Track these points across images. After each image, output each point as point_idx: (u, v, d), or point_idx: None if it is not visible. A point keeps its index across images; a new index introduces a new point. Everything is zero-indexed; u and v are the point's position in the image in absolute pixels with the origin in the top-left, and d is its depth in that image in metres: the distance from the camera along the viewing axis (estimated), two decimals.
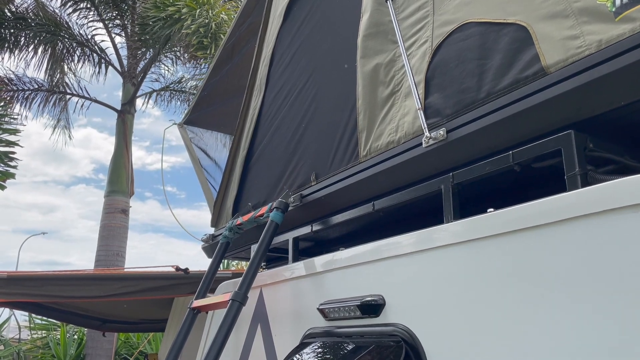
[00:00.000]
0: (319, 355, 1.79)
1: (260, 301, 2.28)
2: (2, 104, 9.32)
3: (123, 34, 11.57)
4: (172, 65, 12.35)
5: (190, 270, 4.18)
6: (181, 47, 11.12)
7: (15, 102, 11.40)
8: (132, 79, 11.48)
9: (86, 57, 11.64)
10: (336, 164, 2.12)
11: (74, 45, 11.41)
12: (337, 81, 2.27)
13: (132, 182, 10.75)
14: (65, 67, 11.72)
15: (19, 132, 8.38)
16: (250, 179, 2.89)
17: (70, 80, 11.91)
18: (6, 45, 10.82)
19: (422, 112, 1.68)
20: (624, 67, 1.18)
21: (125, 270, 7.05)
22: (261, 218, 2.34)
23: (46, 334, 10.38)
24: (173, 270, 4.22)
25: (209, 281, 2.46)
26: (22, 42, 10.94)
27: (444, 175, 1.59)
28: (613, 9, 1.24)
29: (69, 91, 11.94)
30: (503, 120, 1.43)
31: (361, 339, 1.65)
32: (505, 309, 1.22)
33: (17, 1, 10.65)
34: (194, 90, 11.54)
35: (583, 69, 1.26)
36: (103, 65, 11.78)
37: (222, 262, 2.63)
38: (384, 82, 1.94)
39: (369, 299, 1.61)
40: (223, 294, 2.20)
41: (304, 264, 2.06)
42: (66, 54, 11.50)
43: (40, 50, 11.14)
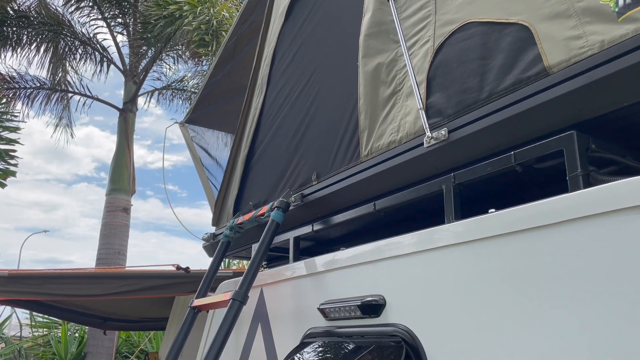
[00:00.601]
0: (319, 355, 1.79)
1: (261, 300, 2.28)
2: (3, 101, 9.33)
3: (125, 33, 11.58)
4: (174, 63, 12.37)
5: (191, 269, 4.18)
6: (183, 45, 11.13)
7: (17, 100, 11.41)
8: (133, 77, 11.48)
9: (88, 55, 11.64)
10: (337, 163, 2.12)
11: (76, 43, 11.41)
12: (339, 81, 2.26)
13: (134, 181, 10.76)
14: (68, 65, 11.73)
15: (20, 130, 8.39)
16: (251, 178, 2.89)
17: (72, 79, 11.93)
18: (8, 44, 10.83)
19: (423, 112, 1.68)
20: (627, 68, 1.17)
21: (126, 268, 7.06)
22: (262, 217, 2.34)
23: (47, 332, 10.40)
24: (174, 269, 4.22)
25: (210, 280, 2.46)
26: (24, 40, 10.95)
27: (446, 176, 1.58)
28: (616, 9, 1.23)
29: (71, 89, 11.95)
30: (505, 121, 1.42)
31: (361, 339, 1.65)
32: (506, 310, 1.22)
33: None
34: (195, 89, 11.54)
35: (586, 69, 1.25)
36: (105, 64, 11.79)
37: (223, 261, 2.63)
38: (385, 82, 1.94)
39: (370, 299, 1.61)
40: (224, 293, 2.20)
41: (305, 264, 2.06)
42: (68, 52, 11.50)
43: (42, 49, 11.14)
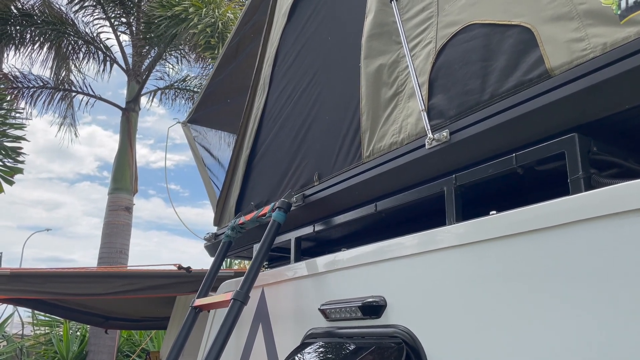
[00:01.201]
0: (320, 355, 1.79)
1: (262, 301, 2.28)
2: (8, 98, 9.35)
3: (128, 32, 11.60)
4: (177, 63, 12.38)
5: (192, 269, 4.19)
6: (188, 47, 11.14)
7: (20, 99, 11.44)
8: (136, 77, 11.50)
9: (91, 54, 11.67)
10: (339, 164, 2.12)
11: (80, 42, 11.43)
12: (341, 81, 2.27)
13: (136, 180, 10.78)
14: (71, 64, 11.75)
15: (25, 127, 8.40)
16: (253, 178, 2.89)
17: (75, 78, 11.96)
18: (11, 42, 10.85)
19: (425, 114, 1.67)
20: (629, 71, 1.17)
21: (128, 268, 7.07)
22: (264, 217, 2.34)
23: (49, 331, 10.42)
24: (175, 268, 4.23)
25: (211, 280, 2.47)
26: (27, 39, 10.97)
27: (447, 177, 1.58)
28: (618, 12, 1.23)
29: (74, 89, 11.98)
30: (506, 123, 1.42)
31: (362, 340, 1.65)
32: (507, 312, 1.22)
33: None
34: (198, 89, 11.56)
35: (588, 71, 1.25)
36: (108, 63, 11.82)
37: (224, 261, 2.63)
38: (387, 83, 1.94)
39: (371, 300, 1.61)
40: (225, 293, 2.20)
41: (306, 264, 2.06)
42: (71, 52, 11.53)
43: (45, 48, 11.17)
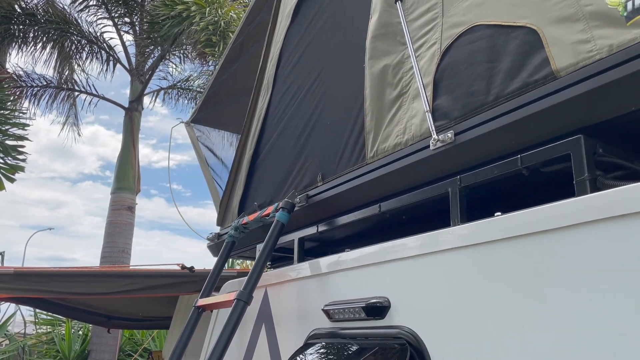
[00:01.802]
0: (323, 356, 1.79)
1: (265, 301, 2.28)
2: (11, 98, 9.37)
3: (131, 32, 11.61)
4: (180, 63, 12.39)
5: (195, 268, 4.19)
6: (190, 45, 11.15)
7: (23, 98, 11.46)
8: (140, 76, 11.52)
9: (94, 54, 11.68)
10: (343, 165, 2.12)
11: (83, 42, 11.45)
12: (345, 82, 2.26)
13: (139, 180, 10.79)
14: (74, 64, 11.77)
15: (28, 127, 8.42)
16: (256, 178, 2.89)
17: (78, 77, 11.98)
18: (14, 41, 10.88)
19: (430, 115, 1.67)
20: (635, 73, 1.17)
21: (130, 267, 7.08)
22: (267, 218, 2.34)
23: (51, 330, 10.44)
24: (178, 268, 4.24)
25: (214, 280, 2.47)
26: (30, 39, 10.99)
27: (452, 178, 1.58)
28: (624, 14, 1.23)
29: (77, 88, 12.00)
30: (512, 124, 1.42)
31: (366, 341, 1.65)
32: (511, 314, 1.22)
33: None
34: (201, 89, 11.57)
35: (593, 73, 1.25)
36: (111, 63, 11.83)
37: (227, 261, 2.63)
38: (391, 84, 1.94)
39: (374, 301, 1.61)
40: (228, 293, 2.20)
41: (310, 265, 2.06)
42: (75, 51, 11.54)
43: (48, 47, 11.19)
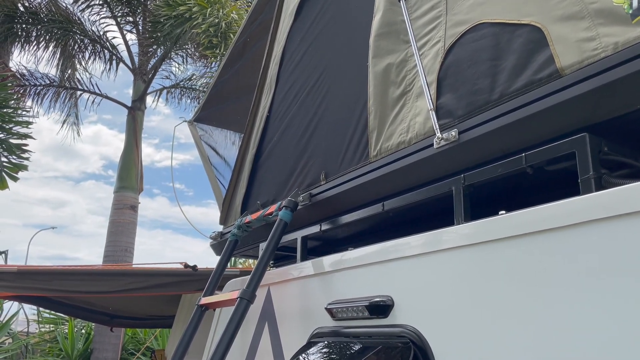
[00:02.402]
0: (326, 355, 1.79)
1: (268, 299, 2.28)
2: (15, 97, 9.39)
3: (134, 31, 11.63)
4: (183, 62, 12.40)
5: (198, 267, 4.20)
6: (192, 45, 11.16)
7: (27, 97, 11.48)
8: (142, 75, 11.53)
9: (97, 53, 11.70)
10: (346, 163, 2.12)
11: (86, 41, 11.46)
12: (348, 80, 2.26)
13: (142, 179, 10.80)
14: (77, 63, 11.79)
15: (31, 125, 8.43)
16: (259, 177, 2.89)
17: (81, 77, 12.00)
18: (17, 40, 10.90)
19: (433, 113, 1.67)
20: None
21: (133, 266, 7.09)
22: (270, 216, 2.34)
23: (54, 328, 10.46)
24: (181, 267, 4.24)
25: (217, 278, 2.47)
26: (33, 38, 11.01)
27: (455, 177, 1.58)
28: (630, 11, 1.22)
29: (80, 87, 12.01)
30: (516, 122, 1.42)
31: (369, 340, 1.64)
32: (516, 313, 1.21)
33: None
34: (204, 88, 11.57)
35: (599, 71, 1.24)
36: (114, 62, 11.84)
37: (230, 259, 2.63)
38: (395, 82, 1.93)
39: (378, 299, 1.60)
40: (231, 292, 2.20)
41: (312, 263, 2.06)
42: (77, 50, 11.56)
43: (51, 46, 11.21)
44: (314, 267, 2.04)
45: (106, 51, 11.65)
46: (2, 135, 8.01)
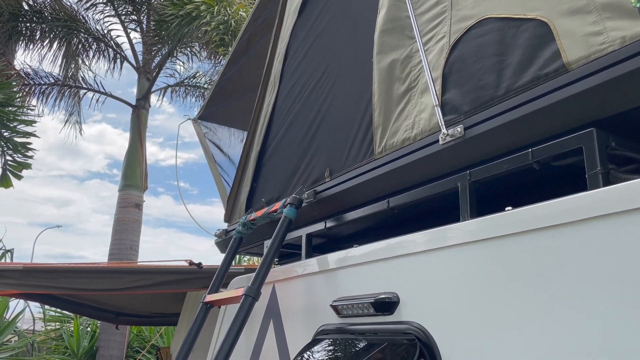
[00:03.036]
0: (332, 352, 1.79)
1: (273, 297, 2.28)
2: (20, 95, 9.42)
3: (138, 30, 11.63)
4: (188, 60, 12.39)
5: (203, 265, 4.20)
6: (201, 44, 11.14)
7: (32, 96, 11.51)
8: (147, 74, 11.53)
9: (101, 52, 11.71)
10: (351, 160, 2.11)
11: (90, 40, 11.47)
12: (352, 77, 2.25)
13: (146, 177, 10.82)
14: (81, 62, 11.81)
15: (35, 123, 8.45)
16: (263, 174, 2.89)
17: (85, 75, 12.01)
18: (21, 39, 10.92)
19: (439, 109, 1.66)
20: None
21: (138, 264, 7.10)
22: (275, 214, 2.34)
23: (60, 326, 10.50)
24: (186, 264, 4.24)
25: (222, 276, 2.47)
26: (37, 36, 11.03)
27: (461, 173, 1.57)
28: (637, 5, 1.21)
29: (84, 86, 12.03)
30: (522, 118, 1.41)
31: (374, 337, 1.64)
32: (522, 309, 1.21)
33: None
34: (208, 86, 11.57)
35: (606, 65, 1.23)
36: (118, 61, 11.85)
37: (235, 257, 2.63)
38: (400, 78, 1.92)
39: (383, 296, 1.60)
40: (236, 289, 2.20)
41: (317, 261, 2.05)
42: (81, 49, 11.58)
43: (55, 45, 11.22)
44: (319, 265, 2.03)
45: (110, 50, 11.66)
46: (6, 133, 8.03)
